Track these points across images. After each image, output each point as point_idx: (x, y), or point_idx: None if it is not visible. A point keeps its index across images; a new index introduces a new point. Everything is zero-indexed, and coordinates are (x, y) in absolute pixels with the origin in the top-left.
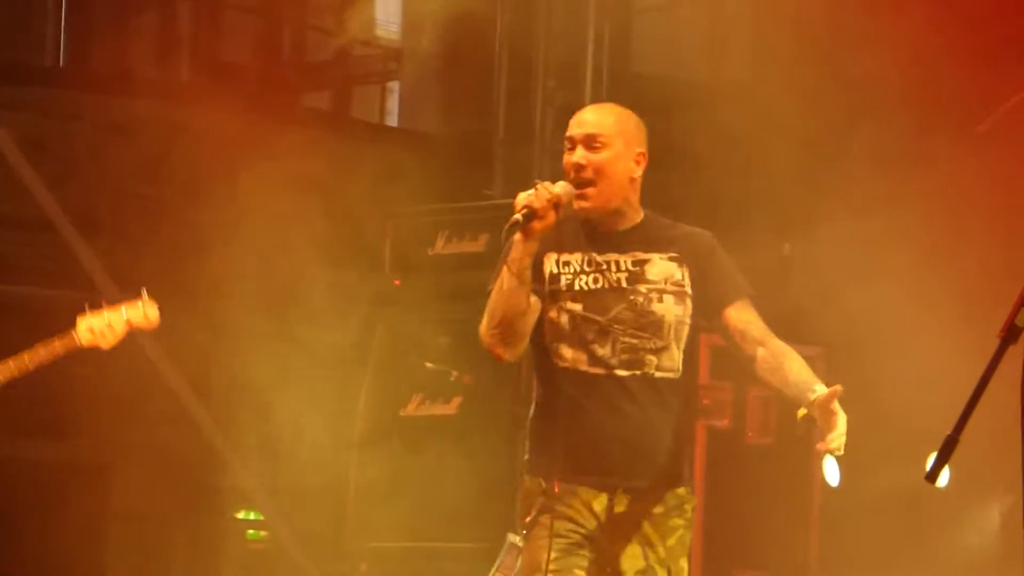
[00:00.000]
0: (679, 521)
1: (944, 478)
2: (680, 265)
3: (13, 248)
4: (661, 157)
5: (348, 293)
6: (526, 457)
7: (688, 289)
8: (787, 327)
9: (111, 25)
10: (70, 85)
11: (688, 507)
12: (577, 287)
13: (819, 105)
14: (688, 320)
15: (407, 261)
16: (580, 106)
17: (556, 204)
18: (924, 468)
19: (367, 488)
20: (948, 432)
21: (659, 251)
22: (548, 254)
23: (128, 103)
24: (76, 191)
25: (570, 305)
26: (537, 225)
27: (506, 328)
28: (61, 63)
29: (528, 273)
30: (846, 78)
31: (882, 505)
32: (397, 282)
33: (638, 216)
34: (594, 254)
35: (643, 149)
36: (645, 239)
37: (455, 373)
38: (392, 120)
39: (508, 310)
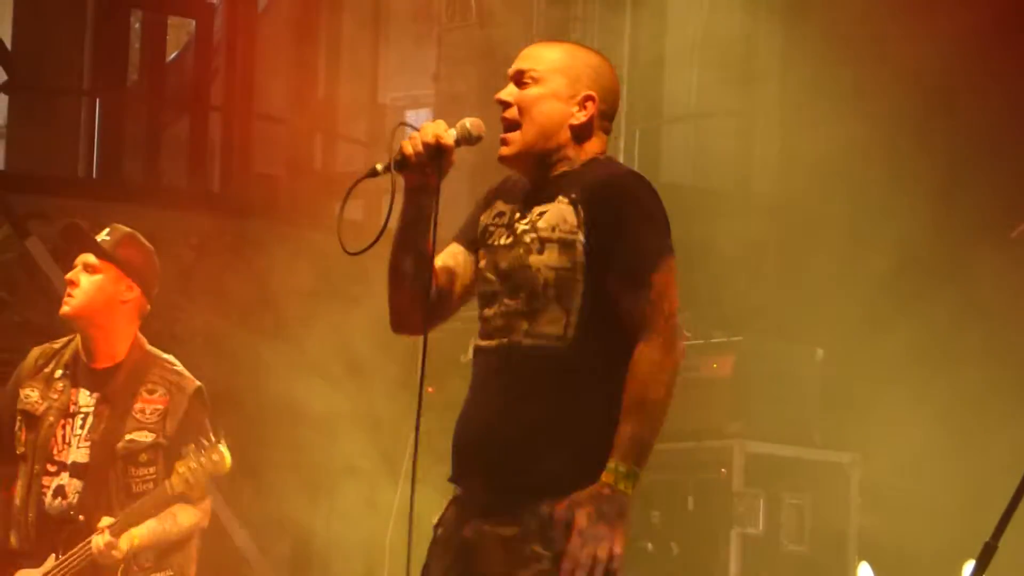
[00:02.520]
0: (541, 551)
1: None
2: (576, 208)
3: None
4: (691, 262)
5: (380, 403)
6: None
7: (580, 237)
8: (822, 434)
9: (143, 136)
10: (101, 196)
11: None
12: (490, 243)
13: (846, 214)
14: (581, 276)
15: (440, 368)
16: None
17: (438, 149)
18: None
19: None
20: (986, 539)
21: (564, 194)
22: (490, 204)
23: (159, 213)
24: None
25: (480, 264)
26: (413, 175)
27: (393, 296)
28: (93, 174)
29: (411, 232)
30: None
31: None
32: (431, 389)
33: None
34: (517, 204)
35: (593, 92)
36: (562, 185)
37: None
38: None
39: (391, 274)
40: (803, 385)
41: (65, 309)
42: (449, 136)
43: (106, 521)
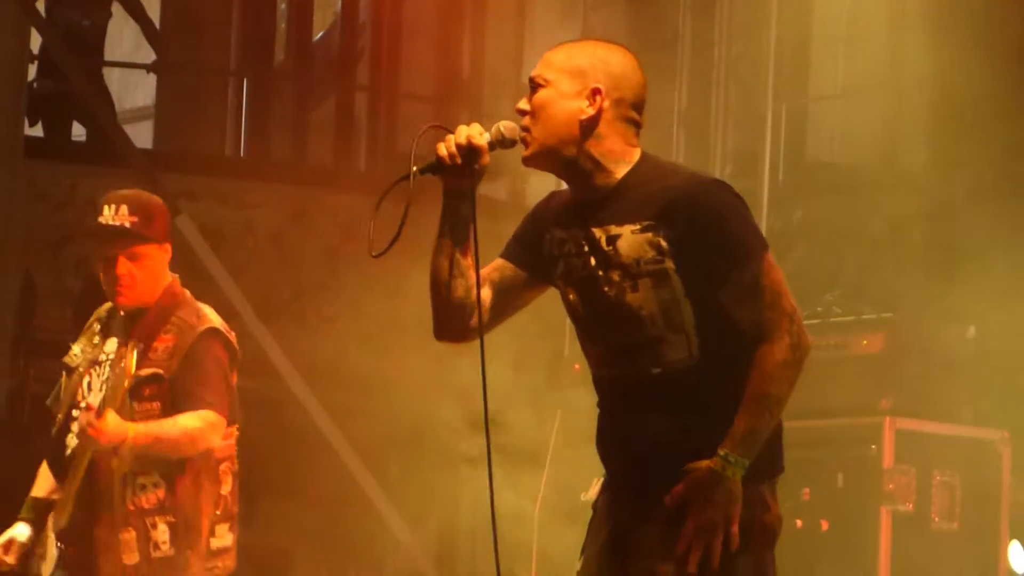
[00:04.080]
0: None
1: None
2: (655, 234)
3: None
4: (838, 239)
5: (531, 382)
6: None
7: (669, 264)
8: (972, 411)
9: (289, 116)
10: (248, 175)
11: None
12: (567, 275)
13: (994, 189)
14: (683, 298)
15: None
16: (758, 194)
17: (471, 151)
18: None
19: (549, 570)
20: None
21: (631, 220)
22: (547, 229)
23: (305, 192)
24: (256, 277)
25: (569, 297)
26: (449, 178)
27: (433, 301)
28: (241, 153)
29: (449, 237)
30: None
31: None
32: (576, 367)
33: (616, 172)
34: (575, 228)
35: (600, 84)
36: (621, 204)
37: None
38: None
39: (430, 280)
40: (954, 362)
41: (123, 302)
42: (483, 138)
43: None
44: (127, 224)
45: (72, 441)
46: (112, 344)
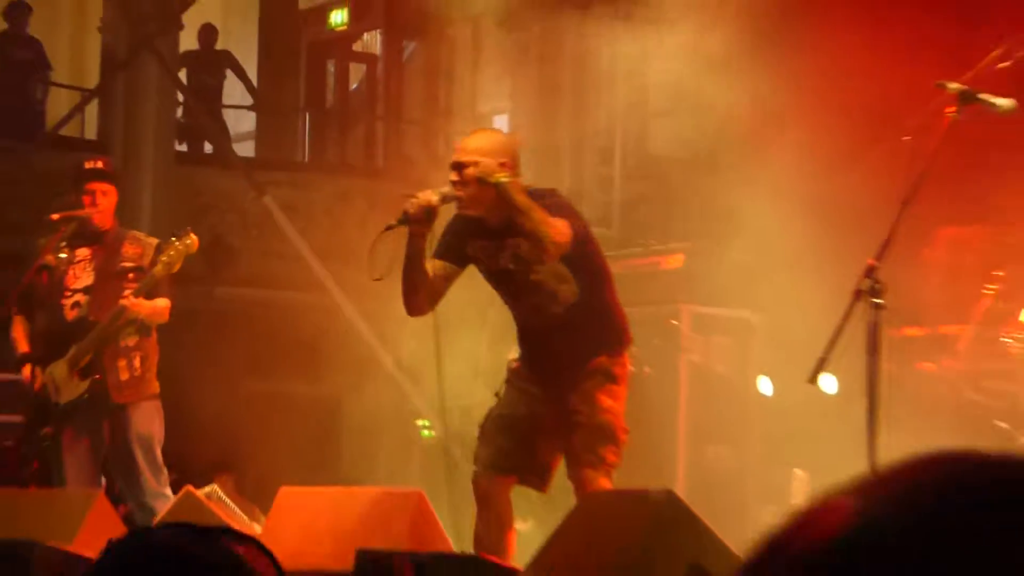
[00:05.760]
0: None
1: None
2: None
3: (276, 268)
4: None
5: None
6: None
7: None
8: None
9: (336, 135)
10: (311, 170)
11: None
12: (486, 266)
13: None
14: (560, 263)
15: None
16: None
17: (429, 210)
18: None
19: None
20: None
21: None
22: (469, 240)
23: (347, 181)
24: (315, 235)
25: (493, 281)
26: (414, 226)
27: (404, 295)
28: (305, 158)
29: (413, 261)
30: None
31: None
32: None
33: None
34: (495, 240)
35: (506, 159)
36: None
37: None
38: None
39: (403, 284)
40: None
41: (97, 220)
42: (436, 198)
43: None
44: (98, 165)
45: (71, 313)
46: (85, 251)
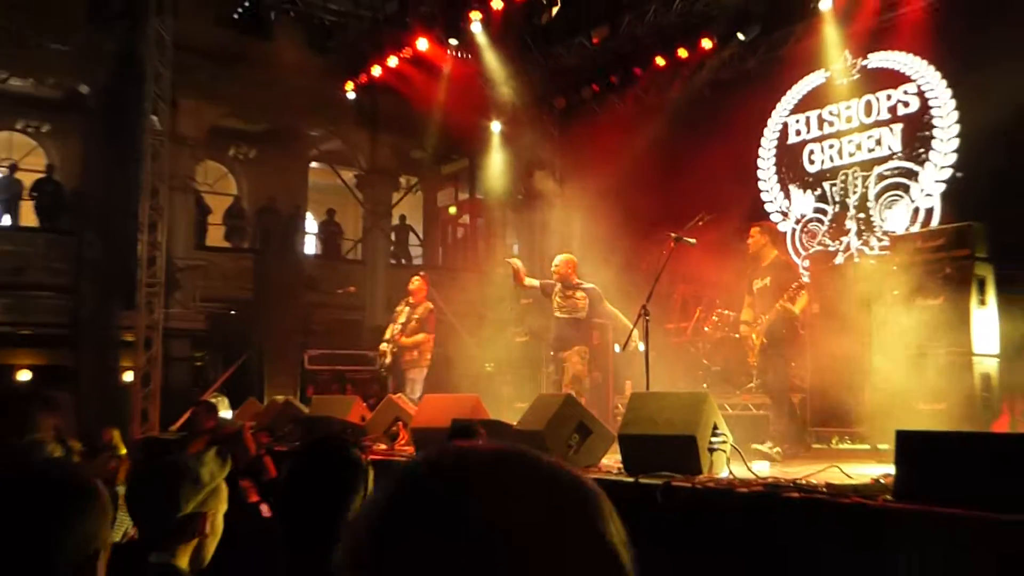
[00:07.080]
0: None
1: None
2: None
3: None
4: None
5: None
6: None
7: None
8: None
9: (450, 267)
10: (440, 270)
11: None
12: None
13: None
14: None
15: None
16: None
17: (516, 271)
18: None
19: None
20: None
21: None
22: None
23: (458, 275)
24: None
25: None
26: (517, 279)
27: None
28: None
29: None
30: None
31: None
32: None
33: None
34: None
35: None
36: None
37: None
38: None
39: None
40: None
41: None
42: (518, 264)
43: None
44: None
45: (384, 347)
46: (404, 314)
